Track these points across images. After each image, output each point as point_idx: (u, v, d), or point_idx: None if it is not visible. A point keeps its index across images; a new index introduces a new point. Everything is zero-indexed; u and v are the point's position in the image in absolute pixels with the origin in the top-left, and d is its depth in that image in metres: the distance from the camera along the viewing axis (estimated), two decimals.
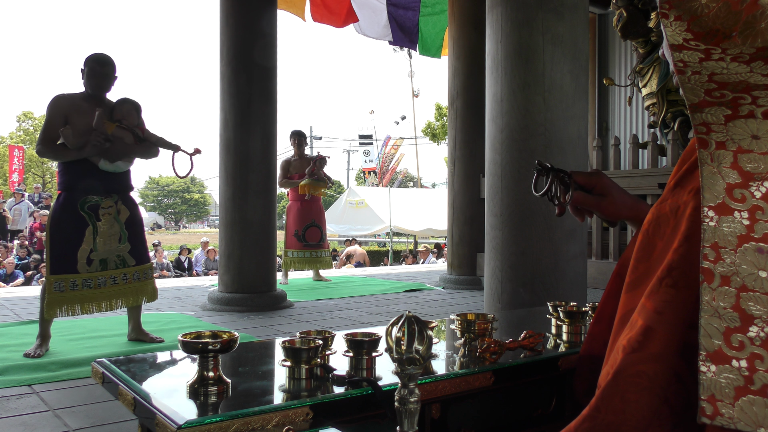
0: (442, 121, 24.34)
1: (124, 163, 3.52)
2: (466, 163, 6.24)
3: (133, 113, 3.60)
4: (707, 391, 0.73)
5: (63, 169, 3.47)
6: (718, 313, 0.73)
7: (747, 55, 0.68)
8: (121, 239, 3.50)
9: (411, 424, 0.77)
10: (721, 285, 0.74)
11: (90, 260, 3.40)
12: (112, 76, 3.57)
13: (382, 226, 16.35)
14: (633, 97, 6.40)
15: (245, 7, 5.02)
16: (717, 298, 0.74)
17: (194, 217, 53.07)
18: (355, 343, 1.09)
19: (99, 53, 3.59)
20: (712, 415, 0.73)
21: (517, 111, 3.09)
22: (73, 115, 3.43)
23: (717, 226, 0.74)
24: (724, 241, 0.74)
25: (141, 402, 0.95)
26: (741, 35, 0.66)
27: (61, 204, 3.42)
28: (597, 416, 0.83)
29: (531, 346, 1.24)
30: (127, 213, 3.55)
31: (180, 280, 8.22)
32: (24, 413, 2.41)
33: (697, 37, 0.68)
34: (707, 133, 0.76)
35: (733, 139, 0.74)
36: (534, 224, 3.03)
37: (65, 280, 3.34)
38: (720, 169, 0.75)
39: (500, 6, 3.17)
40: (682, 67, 0.72)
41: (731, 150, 0.74)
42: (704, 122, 0.76)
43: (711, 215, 0.75)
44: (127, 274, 3.50)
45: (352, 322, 4.44)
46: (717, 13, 0.66)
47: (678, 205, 0.88)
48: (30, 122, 31.38)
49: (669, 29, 0.69)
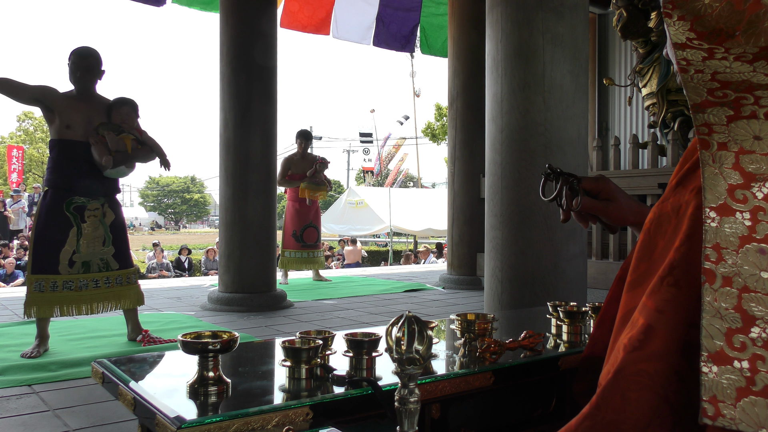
0: (442, 121, 24.34)
1: (126, 167, 3.51)
2: (466, 163, 6.24)
3: (132, 115, 3.57)
4: (709, 392, 0.73)
5: (52, 167, 3.42)
6: (720, 314, 0.73)
7: (750, 55, 0.68)
8: (105, 242, 3.45)
9: (411, 424, 0.77)
10: (723, 286, 0.74)
11: (72, 262, 3.35)
12: (96, 69, 3.48)
13: (382, 226, 16.35)
14: (633, 97, 6.40)
15: (245, 7, 5.02)
16: (719, 299, 0.74)
17: (194, 217, 53.07)
18: (355, 343, 1.09)
19: (82, 46, 3.50)
20: (713, 416, 0.73)
21: (517, 111, 3.09)
22: (69, 111, 3.39)
23: (719, 226, 0.74)
24: (725, 241, 0.74)
25: (141, 402, 0.95)
26: (744, 34, 0.66)
27: (47, 203, 3.37)
28: (597, 414, 0.83)
29: (531, 346, 1.24)
30: (113, 216, 3.51)
31: (180, 280, 8.22)
32: (24, 413, 2.41)
33: (700, 36, 0.68)
34: (709, 134, 0.76)
35: (735, 140, 0.74)
36: (534, 224, 3.03)
37: (45, 281, 3.29)
38: (722, 170, 0.75)
39: (500, 6, 3.17)
40: (685, 65, 0.72)
41: (733, 151, 0.74)
42: (706, 123, 0.75)
43: (712, 216, 0.75)
44: (109, 278, 3.45)
45: (352, 322, 4.44)
46: (720, 13, 0.66)
47: (680, 204, 0.87)
48: (30, 122, 31.36)
49: (672, 28, 0.69)
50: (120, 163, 3.44)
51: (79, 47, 3.51)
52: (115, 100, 3.58)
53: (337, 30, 7.81)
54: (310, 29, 7.72)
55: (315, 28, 7.72)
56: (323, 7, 7.69)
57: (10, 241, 11.58)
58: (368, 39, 7.96)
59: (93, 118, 3.45)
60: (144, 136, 3.60)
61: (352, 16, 7.82)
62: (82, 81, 3.44)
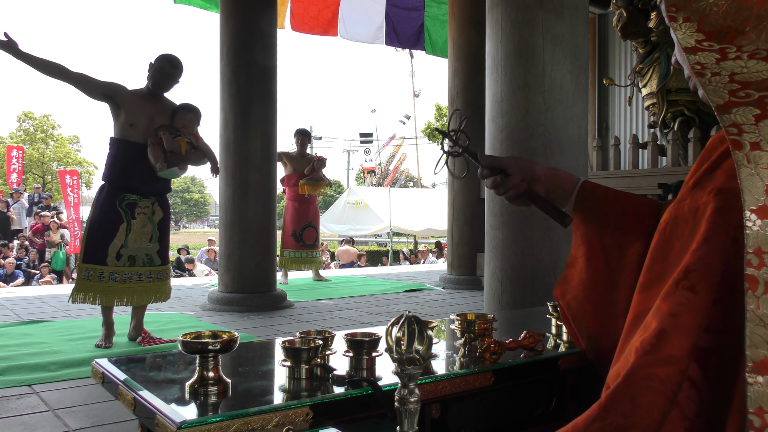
0: (442, 121, 24.34)
1: (179, 169, 3.64)
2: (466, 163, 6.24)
3: (194, 122, 3.73)
4: (755, 404, 0.70)
5: (111, 163, 3.58)
6: (764, 322, 0.69)
7: (764, 51, 0.65)
8: (151, 239, 3.60)
9: (411, 424, 0.77)
10: (766, 292, 0.69)
11: (119, 255, 3.51)
12: (176, 79, 3.68)
13: (382, 226, 16.35)
14: (633, 97, 6.40)
15: (245, 7, 5.02)
16: (761, 306, 0.70)
17: (194, 217, 53.06)
18: (355, 343, 1.09)
19: (172, 54, 3.71)
20: (760, 428, 0.70)
21: (517, 111, 3.09)
22: (135, 110, 3.54)
23: (760, 230, 0.70)
24: (767, 245, 0.70)
25: (141, 402, 0.95)
26: (755, 30, 0.64)
27: (102, 198, 3.54)
28: (606, 417, 0.82)
29: (531, 346, 1.24)
30: (161, 215, 3.66)
31: (180, 280, 8.22)
32: (24, 413, 2.41)
33: (709, 36, 0.66)
34: (739, 134, 0.72)
35: (766, 139, 0.70)
36: (534, 224, 3.03)
37: (94, 270, 3.46)
38: (758, 170, 0.71)
39: (500, 6, 3.16)
40: (700, 69, 0.69)
41: (767, 150, 0.71)
42: (734, 123, 0.72)
43: (753, 219, 0.71)
44: (152, 273, 3.60)
45: (352, 322, 4.44)
46: (727, 10, 0.63)
47: (697, 206, 0.86)
48: (30, 122, 31.34)
49: (679, 32, 0.67)
50: (173, 164, 3.58)
51: (168, 54, 3.72)
52: (180, 105, 3.72)
53: (346, 30, 7.80)
54: (318, 31, 7.72)
55: (323, 29, 7.72)
56: (329, 7, 7.68)
57: (11, 241, 11.56)
58: (380, 39, 7.95)
59: (156, 119, 3.61)
60: (199, 142, 3.76)
61: (359, 15, 7.80)
62: (160, 85, 3.63)
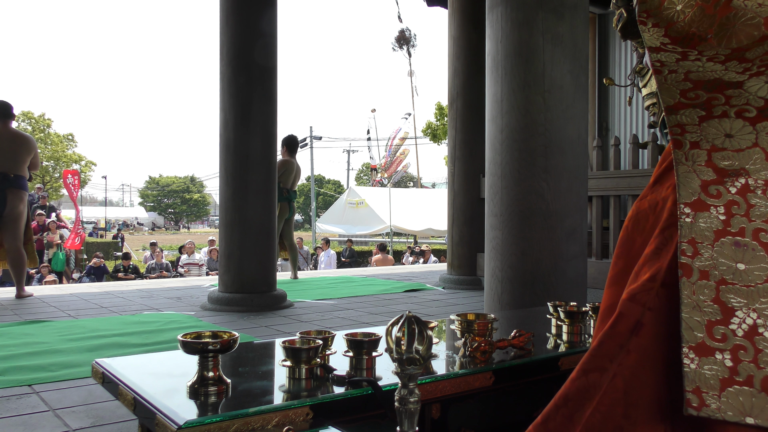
0: (443, 121, 24.32)
1: None
2: (466, 163, 6.24)
3: None
4: (692, 383, 0.75)
5: None
6: (699, 307, 0.76)
7: (722, 56, 0.70)
8: None
9: (411, 424, 0.77)
10: (700, 279, 0.76)
11: None
12: None
13: (382, 226, 16.35)
14: (633, 97, 6.39)
15: (245, 7, 5.01)
16: (696, 292, 0.76)
17: (194, 217, 53.05)
18: (355, 343, 1.09)
19: None
20: (698, 407, 0.75)
21: (517, 111, 3.09)
22: None
23: (693, 222, 0.77)
24: (701, 236, 0.76)
25: (141, 402, 0.95)
26: (716, 37, 0.69)
27: None
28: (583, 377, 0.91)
29: (521, 344, 1.25)
30: None
31: (180, 280, 8.22)
32: (24, 413, 2.41)
33: (674, 41, 0.71)
34: (681, 134, 0.79)
35: (706, 139, 0.77)
36: (534, 224, 3.03)
37: None
38: (695, 168, 0.78)
39: (500, 6, 3.17)
40: (660, 66, 0.75)
41: (705, 149, 0.77)
42: (679, 124, 0.79)
43: (687, 212, 0.78)
44: None
45: (352, 322, 4.44)
46: (692, 18, 0.68)
47: (656, 202, 0.91)
48: (29, 122, 31.33)
49: (647, 34, 0.73)
50: None
51: None
52: None
53: None
54: None
55: None
56: None
57: None
58: None
59: None
60: None
61: None
62: None
